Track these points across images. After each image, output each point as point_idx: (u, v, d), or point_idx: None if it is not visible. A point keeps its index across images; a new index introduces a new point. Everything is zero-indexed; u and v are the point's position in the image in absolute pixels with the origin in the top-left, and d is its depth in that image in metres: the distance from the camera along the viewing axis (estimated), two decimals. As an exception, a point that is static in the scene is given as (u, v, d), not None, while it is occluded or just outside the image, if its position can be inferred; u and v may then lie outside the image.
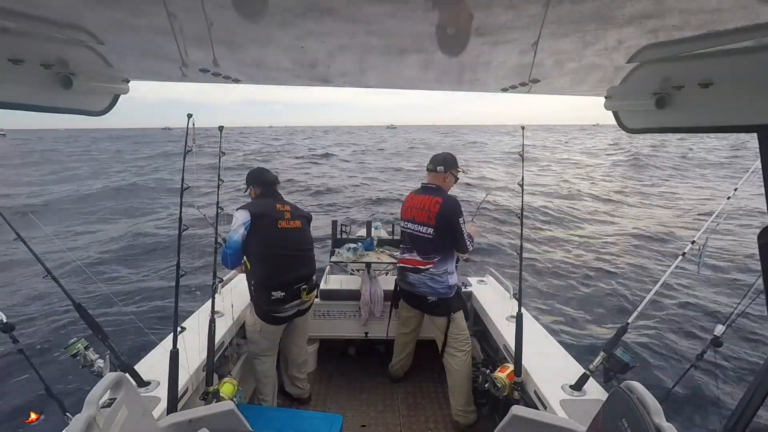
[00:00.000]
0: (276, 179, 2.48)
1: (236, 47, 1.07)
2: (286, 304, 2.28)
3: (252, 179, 2.46)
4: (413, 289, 2.49)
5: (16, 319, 4.26)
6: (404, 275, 2.54)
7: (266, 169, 2.51)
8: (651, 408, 1.09)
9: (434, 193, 2.44)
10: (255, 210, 2.26)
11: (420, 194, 2.50)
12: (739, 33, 0.76)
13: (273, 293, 2.22)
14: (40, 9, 0.78)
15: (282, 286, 2.24)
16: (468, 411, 2.45)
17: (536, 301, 5.83)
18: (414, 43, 1.01)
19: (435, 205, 2.37)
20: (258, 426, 1.65)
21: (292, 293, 2.28)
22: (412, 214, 2.48)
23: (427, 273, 2.41)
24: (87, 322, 1.79)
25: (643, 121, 1.28)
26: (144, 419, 1.37)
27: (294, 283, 2.29)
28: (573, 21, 0.82)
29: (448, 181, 2.50)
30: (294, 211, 2.40)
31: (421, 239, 2.43)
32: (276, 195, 2.44)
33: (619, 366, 1.81)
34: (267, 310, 2.28)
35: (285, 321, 2.37)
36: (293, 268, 2.31)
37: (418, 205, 2.46)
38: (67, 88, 1.03)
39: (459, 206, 2.38)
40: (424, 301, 2.48)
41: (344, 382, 2.98)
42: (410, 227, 2.49)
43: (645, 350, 4.43)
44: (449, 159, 2.51)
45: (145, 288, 6.55)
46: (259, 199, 2.41)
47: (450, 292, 2.43)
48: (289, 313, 2.33)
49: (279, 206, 2.35)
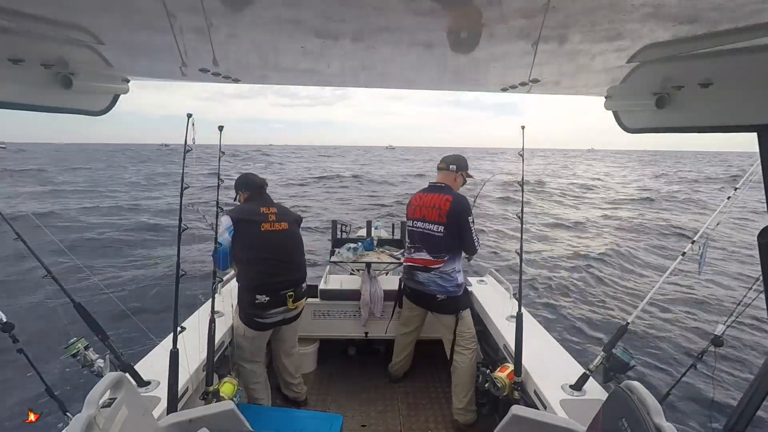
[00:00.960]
0: (263, 182, 2.46)
1: (236, 47, 1.07)
2: (269, 309, 2.24)
3: (239, 185, 2.46)
4: (422, 287, 2.49)
5: (16, 318, 4.27)
6: (413, 274, 2.54)
7: (253, 174, 2.50)
8: (651, 408, 1.09)
9: (444, 191, 2.45)
10: (236, 215, 2.25)
11: (429, 193, 2.50)
12: (739, 33, 0.76)
13: (257, 297, 2.20)
14: (40, 9, 0.78)
15: (266, 290, 2.21)
16: (468, 410, 2.45)
17: (536, 301, 5.83)
18: (414, 43, 1.01)
19: (446, 203, 2.38)
20: (258, 426, 1.65)
21: (277, 299, 2.24)
22: (422, 213, 2.48)
23: (437, 272, 2.41)
24: (87, 322, 1.79)
25: (643, 121, 1.28)
26: (144, 419, 1.37)
27: (280, 288, 2.25)
28: (573, 21, 0.81)
29: (458, 181, 2.52)
30: (281, 213, 2.37)
31: (431, 237, 2.43)
32: (263, 198, 2.41)
33: (619, 366, 1.81)
34: (250, 314, 2.25)
35: (268, 328, 2.33)
36: (278, 272, 2.27)
37: (428, 203, 2.46)
38: (67, 88, 1.03)
39: (469, 204, 2.40)
40: (433, 300, 2.48)
41: (344, 382, 2.98)
42: (420, 226, 2.49)
43: (645, 350, 4.43)
44: (461, 160, 2.53)
45: (145, 288, 6.55)
46: (244, 204, 2.40)
47: (459, 291, 2.44)
48: (272, 320, 2.28)
49: (264, 209, 2.32)
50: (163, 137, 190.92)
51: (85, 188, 19.95)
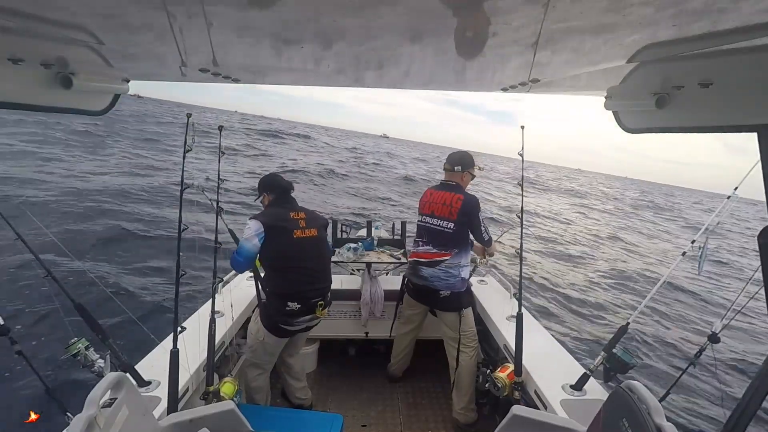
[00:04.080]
0: (290, 185, 2.36)
1: (236, 47, 1.07)
2: (299, 317, 2.18)
3: (264, 186, 2.35)
4: (426, 283, 2.49)
5: (16, 318, 4.26)
6: (417, 269, 2.54)
7: (279, 175, 2.40)
8: (651, 408, 1.09)
9: (455, 190, 2.48)
10: (268, 221, 2.16)
11: (440, 190, 2.53)
12: (739, 33, 0.76)
13: (289, 304, 2.13)
14: (40, 9, 0.78)
15: (299, 298, 2.16)
16: (468, 410, 2.46)
17: (536, 301, 5.83)
18: (415, 43, 1.01)
19: (457, 202, 2.42)
20: (258, 426, 1.65)
21: (308, 307, 2.19)
22: (431, 209, 2.51)
23: (442, 266, 2.42)
24: (87, 322, 1.79)
25: (643, 121, 1.28)
26: (144, 419, 1.37)
27: (312, 297, 2.20)
28: (573, 20, 0.81)
29: (465, 179, 2.55)
30: (310, 219, 2.29)
31: (440, 233, 2.46)
32: (290, 201, 2.33)
33: (619, 366, 1.81)
34: (277, 321, 2.18)
35: (291, 335, 2.28)
36: (312, 281, 2.22)
37: (438, 200, 2.49)
38: (67, 88, 1.02)
39: (479, 204, 2.45)
40: (436, 296, 2.48)
41: (344, 382, 2.98)
42: (428, 221, 2.52)
43: (645, 350, 4.44)
44: (466, 158, 2.56)
45: (146, 288, 6.55)
46: (272, 208, 2.30)
47: (463, 287, 2.45)
48: (298, 327, 2.23)
49: (293, 214, 2.24)
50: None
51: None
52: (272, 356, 2.34)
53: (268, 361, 2.34)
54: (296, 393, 2.58)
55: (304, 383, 2.62)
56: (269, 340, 2.23)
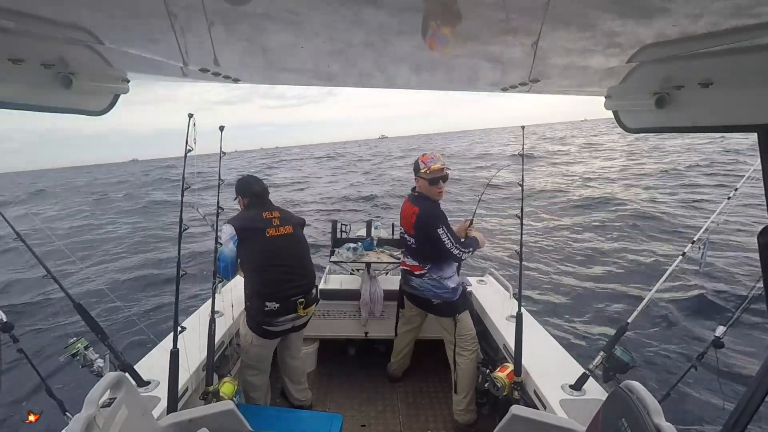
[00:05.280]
0: (265, 189, 2.39)
1: (236, 47, 1.07)
2: (279, 317, 2.18)
3: (240, 189, 2.39)
4: (417, 292, 2.50)
5: (17, 319, 4.27)
6: (407, 278, 2.56)
7: (255, 178, 2.44)
8: (651, 408, 1.09)
9: (415, 201, 2.42)
10: (239, 224, 2.21)
11: (409, 202, 2.49)
12: (739, 33, 0.76)
13: (267, 304, 2.14)
14: (40, 9, 0.78)
15: (277, 297, 2.16)
16: (468, 410, 2.46)
17: (536, 301, 5.83)
18: (415, 43, 1.01)
19: (413, 216, 2.37)
20: (258, 426, 1.65)
21: (287, 306, 2.18)
22: (402, 221, 2.54)
23: (427, 277, 2.42)
24: (87, 322, 1.79)
25: (643, 121, 1.28)
26: (144, 419, 1.37)
27: (290, 295, 2.19)
28: (573, 20, 0.81)
29: (420, 184, 2.40)
30: (284, 217, 2.32)
31: (409, 247, 2.49)
32: (264, 203, 2.35)
33: (618, 366, 1.81)
34: (259, 322, 2.20)
35: (277, 336, 2.29)
36: (289, 279, 2.22)
37: (405, 213, 2.48)
38: (67, 87, 1.02)
39: (436, 215, 2.30)
40: (429, 303, 2.49)
41: (344, 382, 2.98)
42: (403, 233, 2.55)
43: (645, 350, 4.43)
44: (415, 164, 2.45)
45: (145, 288, 6.56)
46: (246, 211, 2.35)
47: (453, 296, 2.42)
48: (282, 327, 2.23)
49: (266, 214, 2.27)
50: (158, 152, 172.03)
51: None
52: (264, 357, 2.35)
53: (262, 362, 2.35)
54: (296, 394, 2.59)
55: (304, 385, 2.63)
56: (257, 342, 2.25)
